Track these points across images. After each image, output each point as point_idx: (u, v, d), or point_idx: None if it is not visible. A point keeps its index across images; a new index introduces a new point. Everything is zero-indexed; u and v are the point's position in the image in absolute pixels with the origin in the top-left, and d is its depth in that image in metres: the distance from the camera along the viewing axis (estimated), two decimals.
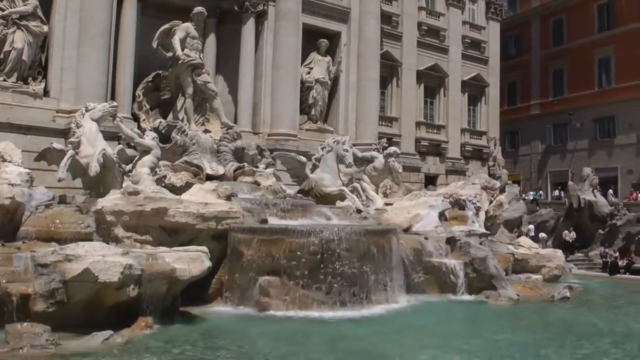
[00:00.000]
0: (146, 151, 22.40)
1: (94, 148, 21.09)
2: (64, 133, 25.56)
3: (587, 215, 40.10)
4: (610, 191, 46.17)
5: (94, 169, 20.79)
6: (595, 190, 41.43)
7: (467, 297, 23.15)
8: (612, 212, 39.55)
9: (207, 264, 17.86)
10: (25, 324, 14.75)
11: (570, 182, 45.05)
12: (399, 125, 43.64)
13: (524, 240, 31.32)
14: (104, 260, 15.65)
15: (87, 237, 18.25)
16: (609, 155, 53.67)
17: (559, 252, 30.14)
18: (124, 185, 20.54)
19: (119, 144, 23.99)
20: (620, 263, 34.98)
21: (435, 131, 46.28)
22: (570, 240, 39.85)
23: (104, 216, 18.81)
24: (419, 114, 45.30)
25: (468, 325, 19.20)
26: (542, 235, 39.47)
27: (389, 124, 43.36)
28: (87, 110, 21.92)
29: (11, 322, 14.65)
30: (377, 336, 16.92)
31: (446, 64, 46.90)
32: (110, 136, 23.70)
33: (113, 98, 27.76)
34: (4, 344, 13.94)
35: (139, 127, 27.51)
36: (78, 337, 14.81)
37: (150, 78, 30.57)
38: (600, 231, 38.92)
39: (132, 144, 23.20)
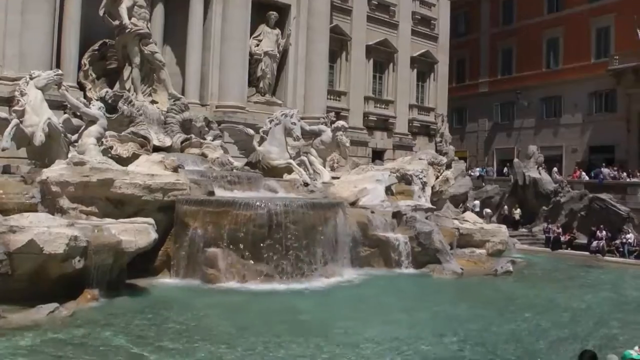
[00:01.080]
0: (92, 121, 22.05)
1: (39, 117, 20.66)
2: (8, 101, 24.90)
3: (532, 192, 40.96)
4: (555, 169, 47.13)
5: (39, 138, 20.41)
6: (540, 168, 42.27)
7: (412, 270, 23.56)
8: (556, 189, 40.43)
9: (154, 235, 17.82)
10: None
11: (515, 160, 45.85)
12: (348, 100, 43.65)
13: (469, 215, 31.92)
14: (49, 231, 15.46)
15: (32, 208, 17.95)
16: (555, 134, 54.72)
17: (503, 228, 30.85)
18: (69, 155, 20.19)
19: (65, 113, 23.49)
20: (562, 239, 35.91)
21: (383, 106, 46.44)
22: (517, 217, 40.69)
23: (49, 187, 18.54)
24: (367, 88, 45.37)
25: (413, 298, 19.57)
26: (486, 211, 40.21)
27: (338, 98, 43.35)
28: (31, 78, 21.39)
29: None
30: (323, 309, 17.17)
31: (396, 40, 46.97)
32: (56, 105, 23.17)
33: (58, 66, 27.11)
34: None
35: (85, 96, 26.92)
36: (23, 310, 14.66)
37: (96, 46, 29.90)
38: (544, 207, 39.79)
39: (78, 114, 22.79)
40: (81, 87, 28.89)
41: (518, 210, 41.32)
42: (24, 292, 15.20)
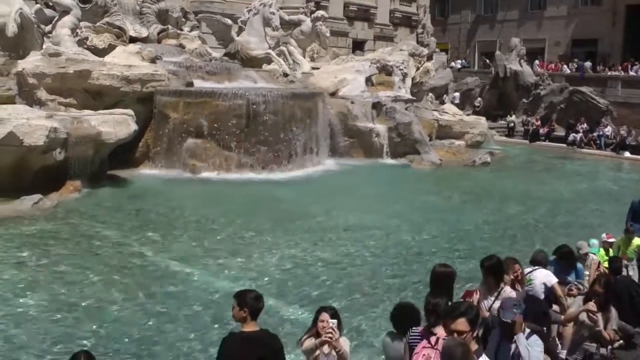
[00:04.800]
0: (65, 11, 21.44)
1: (10, 7, 20.01)
2: None
3: (512, 84, 40.84)
4: (537, 62, 46.87)
5: (12, 29, 19.84)
6: (521, 61, 42.02)
7: (391, 161, 23.89)
8: (537, 82, 40.29)
9: (134, 127, 17.82)
10: None
11: (497, 52, 45.46)
12: None
13: (448, 107, 31.96)
14: (28, 123, 15.38)
15: (9, 101, 17.69)
16: (538, 26, 53.98)
17: (482, 119, 31.00)
18: (44, 46, 19.80)
19: (37, 3, 22.88)
20: (541, 131, 36.19)
21: None
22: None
23: (26, 78, 18.26)
24: None
25: (391, 187, 19.93)
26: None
27: None
28: None
29: None
30: (303, 197, 17.49)
31: None
32: None
33: None
34: None
35: None
36: (7, 202, 14.81)
37: None
38: (524, 100, 39.83)
39: (51, 4, 22.18)
40: None
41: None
42: (7, 184, 15.26)
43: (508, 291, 6.54)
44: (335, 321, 5.25)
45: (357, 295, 10.26)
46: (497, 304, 6.33)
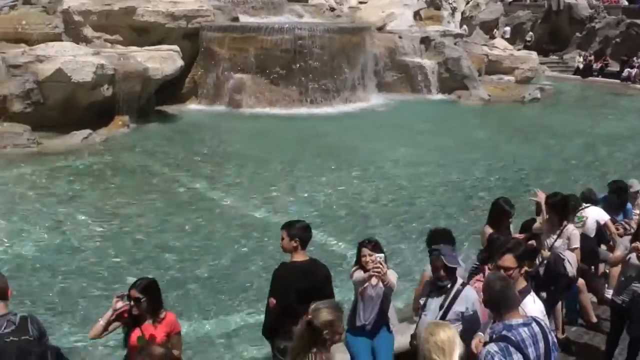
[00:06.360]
0: None
1: None
2: None
3: (566, 17, 39.58)
4: None
5: None
6: None
7: (438, 96, 23.55)
8: (591, 15, 38.96)
9: (179, 63, 17.91)
10: (6, 124, 14.98)
11: None
12: None
13: (498, 41, 31.23)
14: (75, 60, 15.55)
15: (56, 38, 17.89)
16: None
17: (534, 54, 30.20)
18: None
19: None
20: (594, 66, 35.12)
21: None
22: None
23: (72, 16, 18.39)
24: None
25: (439, 123, 19.63)
26: None
27: None
28: None
29: None
30: (349, 132, 17.40)
31: None
32: None
33: None
34: None
35: None
36: (58, 137, 15.14)
37: None
38: (578, 34, 38.62)
39: None
40: None
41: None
42: (57, 120, 15.54)
43: (571, 229, 6.34)
44: (382, 255, 5.24)
45: (400, 229, 10.25)
46: (559, 242, 6.21)
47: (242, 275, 8.45)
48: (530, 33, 40.37)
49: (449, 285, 4.78)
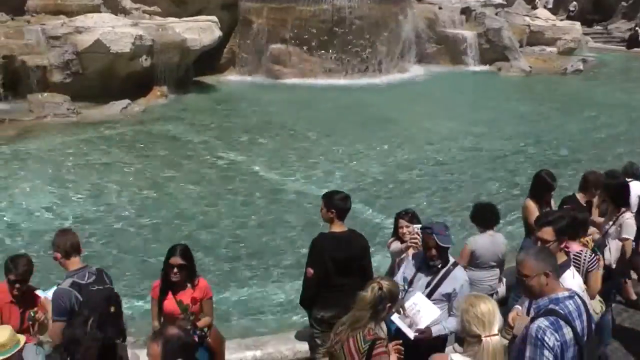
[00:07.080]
0: None
1: None
2: None
3: None
4: None
5: None
6: None
7: (478, 68, 23.19)
8: None
9: (218, 33, 17.91)
10: (46, 94, 15.15)
11: None
12: None
13: (541, 12, 30.62)
14: (114, 31, 15.64)
15: (95, 9, 17.97)
16: None
17: (577, 25, 29.52)
18: None
19: None
20: None
21: None
22: None
23: None
24: None
25: (479, 95, 19.44)
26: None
27: None
28: None
29: (32, 93, 14.98)
30: (388, 103, 17.30)
31: None
32: None
33: None
34: (28, 113, 14.46)
35: None
36: (97, 107, 15.30)
37: None
38: (623, 3, 37.69)
39: None
40: None
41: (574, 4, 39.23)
42: (96, 90, 15.68)
43: (626, 217, 6.07)
44: (419, 226, 5.21)
45: (439, 201, 10.20)
46: (612, 229, 6.00)
47: (280, 244, 8.48)
48: (574, 3, 39.41)
49: (439, 265, 4.69)
